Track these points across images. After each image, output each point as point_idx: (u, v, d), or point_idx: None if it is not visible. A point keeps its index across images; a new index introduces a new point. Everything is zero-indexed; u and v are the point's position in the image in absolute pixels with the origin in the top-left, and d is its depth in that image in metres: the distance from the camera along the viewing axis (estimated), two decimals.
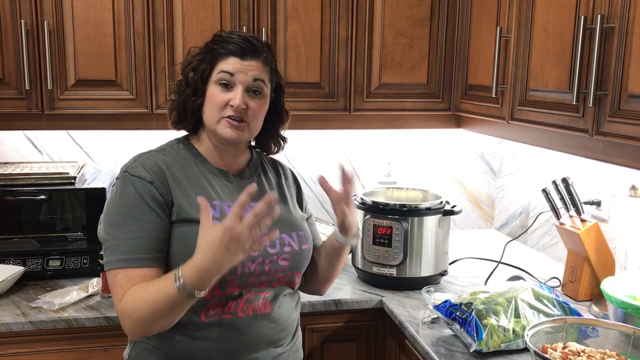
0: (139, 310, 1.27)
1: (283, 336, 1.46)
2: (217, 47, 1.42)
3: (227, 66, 1.40)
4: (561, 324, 1.50)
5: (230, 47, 1.41)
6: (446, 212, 2.04)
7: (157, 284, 1.28)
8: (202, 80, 1.42)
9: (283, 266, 1.44)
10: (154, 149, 1.47)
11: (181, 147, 1.47)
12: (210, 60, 1.42)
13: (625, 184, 1.89)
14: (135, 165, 1.39)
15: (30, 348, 1.79)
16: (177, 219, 1.36)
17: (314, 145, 2.57)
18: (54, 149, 2.38)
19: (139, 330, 1.31)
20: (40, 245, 2.08)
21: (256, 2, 2.10)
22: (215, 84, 1.41)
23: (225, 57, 1.41)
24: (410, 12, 2.22)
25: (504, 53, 1.92)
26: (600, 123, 1.49)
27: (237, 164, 1.50)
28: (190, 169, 1.43)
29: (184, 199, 1.37)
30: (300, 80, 2.18)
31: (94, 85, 2.06)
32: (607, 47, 1.45)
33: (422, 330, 1.72)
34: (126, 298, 1.29)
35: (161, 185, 1.36)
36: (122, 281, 1.31)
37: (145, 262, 1.32)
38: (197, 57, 1.45)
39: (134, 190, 1.34)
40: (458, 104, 2.29)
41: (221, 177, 1.46)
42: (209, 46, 1.45)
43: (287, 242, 1.45)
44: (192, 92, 1.43)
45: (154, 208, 1.34)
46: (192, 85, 1.43)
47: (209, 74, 1.42)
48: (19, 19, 1.96)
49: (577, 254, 1.96)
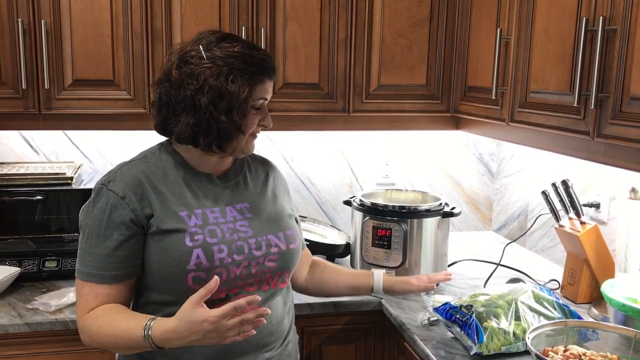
0: (103, 337, 1.33)
1: (272, 340, 1.44)
2: (254, 69, 1.35)
3: (264, 92, 1.39)
4: (562, 326, 1.50)
5: (266, 70, 1.38)
6: (445, 214, 2.03)
7: (125, 322, 1.31)
8: (241, 103, 1.33)
9: (271, 267, 1.43)
10: (137, 157, 1.44)
11: (163, 153, 1.44)
12: (250, 84, 1.34)
13: (624, 186, 1.88)
14: (114, 177, 1.38)
15: (27, 350, 1.78)
16: (155, 230, 1.35)
17: (313, 146, 2.57)
18: (51, 149, 2.37)
19: (95, 346, 1.39)
20: (37, 246, 2.07)
21: (255, 2, 2.09)
22: (253, 109, 1.38)
23: (262, 81, 1.38)
24: (409, 13, 2.21)
25: (504, 54, 1.92)
26: (602, 125, 1.48)
27: (222, 166, 1.48)
28: (172, 176, 1.41)
29: (164, 210, 1.36)
30: (299, 81, 2.17)
31: (91, 85, 2.04)
32: (609, 49, 1.45)
33: (422, 333, 1.71)
34: (92, 319, 1.34)
35: (134, 200, 1.34)
36: (87, 295, 1.35)
37: (108, 279, 1.35)
38: (231, 76, 1.32)
39: (104, 205, 1.35)
40: (457, 106, 2.29)
41: (205, 181, 1.44)
42: (237, 65, 1.33)
43: (273, 243, 1.44)
44: (225, 111, 1.33)
45: (119, 226, 1.34)
46: (225, 107, 1.32)
47: (248, 97, 1.35)
48: (16, 18, 1.94)
49: (577, 256, 1.96)
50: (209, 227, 1.38)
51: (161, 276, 1.35)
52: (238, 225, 1.42)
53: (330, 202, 2.62)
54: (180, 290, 1.33)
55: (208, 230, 1.37)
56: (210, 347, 1.37)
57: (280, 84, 2.16)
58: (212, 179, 1.45)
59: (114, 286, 1.35)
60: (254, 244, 1.41)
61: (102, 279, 1.34)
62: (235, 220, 1.42)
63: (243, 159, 1.55)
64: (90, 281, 1.35)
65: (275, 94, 2.13)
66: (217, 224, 1.39)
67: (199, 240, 1.35)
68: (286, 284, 1.51)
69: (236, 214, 1.44)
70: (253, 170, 1.55)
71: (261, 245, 1.42)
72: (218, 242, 1.37)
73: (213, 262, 1.34)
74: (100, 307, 1.34)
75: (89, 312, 1.34)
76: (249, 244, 1.40)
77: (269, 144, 2.49)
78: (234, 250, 1.38)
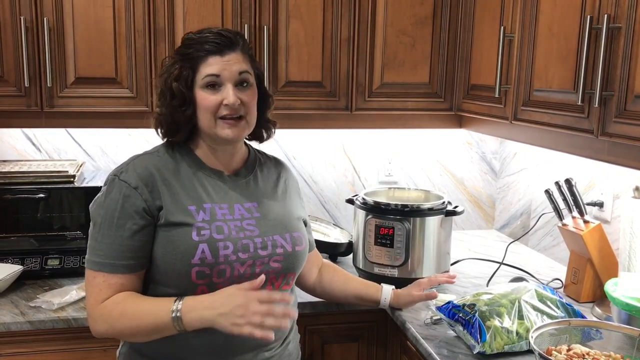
0: (124, 322, 1.32)
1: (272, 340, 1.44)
2: (192, 50, 1.38)
3: (210, 68, 1.37)
4: (565, 326, 1.49)
5: (206, 47, 1.37)
6: (448, 213, 2.03)
7: (153, 301, 1.33)
8: (187, 88, 1.38)
9: (275, 268, 1.43)
10: (149, 151, 1.47)
11: (175, 148, 1.45)
12: (190, 67, 1.38)
13: (628, 184, 1.88)
14: (126, 169, 1.39)
15: (29, 348, 1.78)
16: (164, 223, 1.36)
17: (315, 145, 2.56)
18: (53, 147, 2.37)
19: (109, 335, 1.37)
20: (39, 244, 2.07)
21: (258, 0, 2.09)
22: (202, 89, 1.38)
23: (204, 58, 1.37)
24: (412, 11, 2.21)
25: (507, 53, 1.91)
26: (606, 124, 1.48)
27: (233, 163, 1.49)
28: (184, 170, 1.42)
29: (173, 203, 1.37)
30: (301, 79, 2.17)
31: (93, 82, 2.04)
32: (614, 48, 1.44)
33: (424, 332, 1.71)
34: (112, 306, 1.33)
35: (146, 192, 1.36)
36: (101, 285, 1.35)
37: (121, 268, 1.35)
38: (175, 66, 1.39)
39: (117, 195, 1.36)
40: (460, 104, 2.28)
41: (215, 177, 1.45)
42: (183, 52, 1.40)
43: (279, 244, 1.44)
44: (179, 103, 1.38)
45: (132, 215, 1.35)
46: (178, 96, 1.38)
47: (192, 80, 1.38)
48: (18, 15, 1.94)
49: (580, 255, 1.95)
50: (216, 223, 1.38)
51: (166, 269, 1.36)
52: (245, 224, 1.42)
53: (332, 200, 2.62)
54: (184, 285, 1.34)
55: (215, 226, 1.37)
56: (212, 345, 1.37)
57: (282, 82, 2.15)
58: (223, 176, 1.46)
59: (127, 276, 1.35)
60: (259, 243, 1.41)
61: (115, 269, 1.34)
62: (243, 218, 1.42)
63: (255, 158, 1.55)
64: (103, 271, 1.35)
65: (278, 92, 2.13)
66: (225, 221, 1.39)
67: (206, 235, 1.35)
68: (290, 287, 1.51)
69: (244, 212, 1.44)
70: (265, 170, 1.55)
71: (267, 245, 1.42)
72: (224, 238, 1.37)
73: (218, 258, 1.35)
74: (117, 294, 1.35)
75: (103, 301, 1.34)
76: (255, 243, 1.40)
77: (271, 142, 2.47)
78: (239, 248, 1.38)
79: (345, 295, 1.76)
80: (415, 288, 1.76)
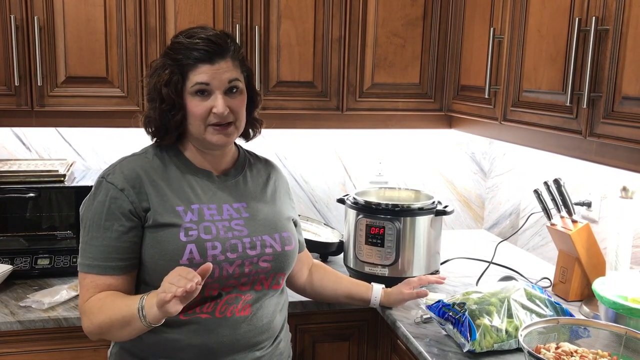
0: (101, 317, 1.33)
1: (263, 339, 1.45)
2: (181, 57, 1.36)
3: (200, 76, 1.36)
4: (554, 324, 1.51)
5: (196, 54, 1.35)
6: (438, 212, 2.04)
7: (126, 299, 1.33)
8: (177, 94, 1.37)
9: (265, 268, 1.43)
10: (138, 152, 1.47)
11: (164, 149, 1.46)
12: (180, 72, 1.36)
13: (616, 185, 1.90)
14: (113, 171, 1.40)
15: (19, 348, 1.77)
16: (152, 224, 1.37)
17: (306, 145, 2.57)
18: (43, 147, 2.35)
19: (96, 334, 1.38)
20: (29, 244, 2.06)
21: (249, 0, 2.09)
22: (192, 95, 1.37)
23: (194, 66, 1.36)
24: (403, 12, 2.22)
25: (497, 54, 1.93)
26: (594, 125, 1.50)
27: (222, 164, 1.50)
28: (172, 172, 1.43)
29: (161, 204, 1.38)
30: (293, 79, 2.17)
31: (84, 82, 2.03)
32: (602, 49, 1.46)
33: (415, 330, 1.72)
34: (94, 302, 1.35)
35: (132, 193, 1.36)
36: (88, 285, 1.37)
37: (109, 270, 1.36)
38: (164, 70, 1.38)
39: (104, 198, 1.37)
40: (450, 105, 2.30)
41: (204, 178, 1.45)
42: (172, 57, 1.38)
43: (268, 244, 1.44)
44: (169, 108, 1.38)
45: (119, 217, 1.35)
46: (167, 101, 1.37)
47: (182, 86, 1.37)
48: (8, 14, 1.93)
49: (568, 254, 1.97)
50: (204, 224, 1.38)
51: (154, 270, 1.36)
52: (233, 224, 1.42)
53: (323, 200, 2.62)
54: None
55: (203, 227, 1.37)
56: (201, 345, 1.37)
57: (274, 82, 2.15)
58: (212, 177, 1.46)
59: (115, 277, 1.37)
60: (248, 243, 1.41)
61: (103, 270, 1.36)
62: (231, 218, 1.43)
63: (245, 159, 1.56)
64: (92, 272, 1.37)
65: (269, 92, 2.13)
66: (213, 221, 1.40)
67: (193, 235, 1.35)
68: (280, 287, 1.51)
69: (233, 212, 1.44)
70: (254, 170, 1.56)
71: (256, 245, 1.42)
72: (212, 239, 1.37)
73: (206, 258, 1.35)
74: (102, 292, 1.36)
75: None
76: (243, 243, 1.41)
77: (262, 142, 2.49)
78: (227, 248, 1.38)
79: (336, 295, 1.77)
80: (405, 286, 1.77)
